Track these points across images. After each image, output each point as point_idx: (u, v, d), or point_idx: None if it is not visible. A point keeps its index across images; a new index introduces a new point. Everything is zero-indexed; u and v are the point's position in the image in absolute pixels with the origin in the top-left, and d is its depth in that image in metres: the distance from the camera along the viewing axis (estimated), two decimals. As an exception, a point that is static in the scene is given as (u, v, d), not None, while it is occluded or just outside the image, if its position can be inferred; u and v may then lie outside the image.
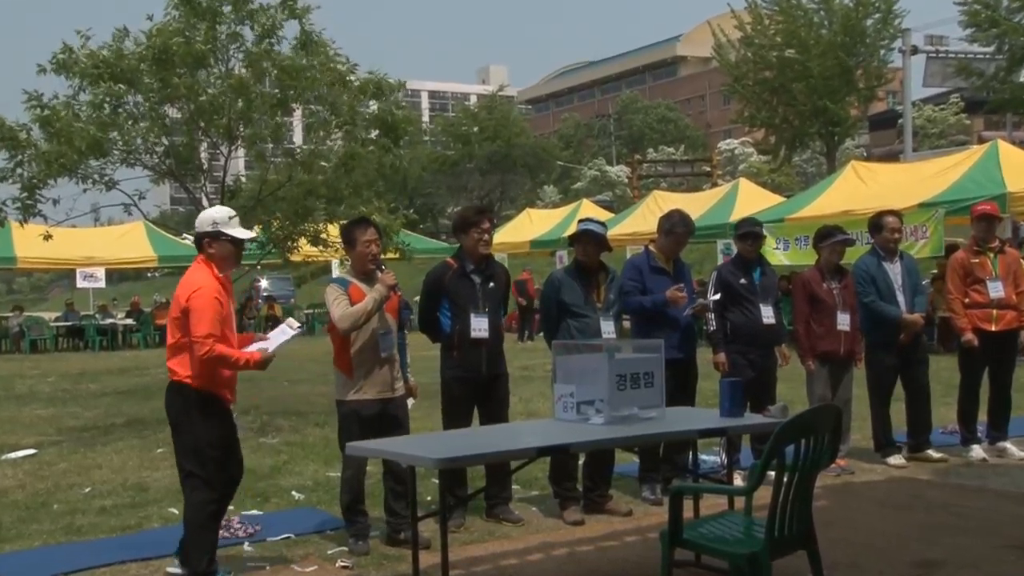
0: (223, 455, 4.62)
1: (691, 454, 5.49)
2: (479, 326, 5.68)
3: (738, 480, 5.96)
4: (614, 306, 6.07)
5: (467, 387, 5.74)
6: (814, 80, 29.33)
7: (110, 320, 25.22)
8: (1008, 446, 7.33)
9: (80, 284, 23.58)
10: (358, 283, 5.25)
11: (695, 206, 18.51)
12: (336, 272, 17.46)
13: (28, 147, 8.97)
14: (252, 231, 10.60)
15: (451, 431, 5.56)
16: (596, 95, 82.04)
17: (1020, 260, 7.57)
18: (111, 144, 9.16)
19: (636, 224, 20.84)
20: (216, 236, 4.56)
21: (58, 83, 9.32)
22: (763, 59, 31.22)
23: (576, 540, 5.43)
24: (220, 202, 9.82)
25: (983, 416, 7.46)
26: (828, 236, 7.06)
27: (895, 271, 7.16)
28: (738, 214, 16.63)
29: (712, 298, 6.60)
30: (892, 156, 29.50)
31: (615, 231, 17.70)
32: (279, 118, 10.04)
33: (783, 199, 20.77)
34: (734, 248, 7.21)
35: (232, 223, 4.60)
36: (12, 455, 8.49)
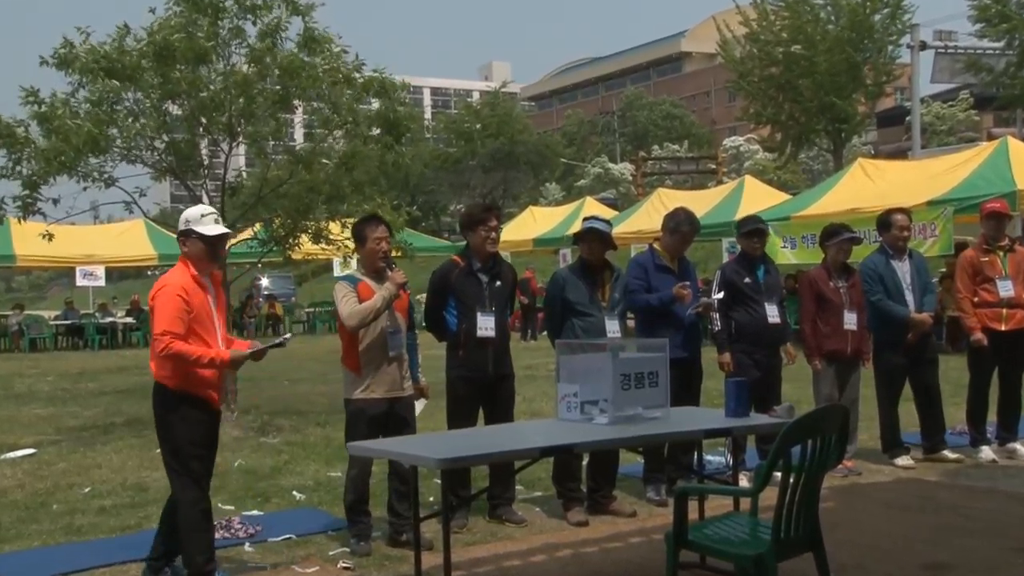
0: (207, 453, 4.61)
1: (696, 454, 5.45)
2: (486, 325, 5.64)
3: (743, 481, 5.92)
4: (619, 305, 6.02)
5: (472, 387, 5.71)
6: (821, 76, 29.07)
7: (110, 319, 25.17)
8: (1018, 447, 7.27)
9: (80, 282, 23.47)
10: (367, 281, 5.22)
11: (700, 204, 18.43)
12: (337, 270, 17.43)
13: (27, 144, 8.92)
14: (252, 228, 10.73)
15: (454, 431, 5.53)
16: (600, 92, 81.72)
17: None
18: (110, 141, 9.11)
19: (640, 222, 20.73)
20: (188, 234, 4.59)
21: (57, 80, 9.31)
22: (769, 55, 30.98)
23: (580, 541, 5.39)
24: (221, 200, 9.79)
25: (993, 417, 7.40)
26: (835, 234, 7.00)
27: (904, 270, 7.10)
28: (743, 212, 16.48)
29: (716, 297, 6.54)
30: (900, 153, 29.25)
31: (619, 229, 17.54)
32: (281, 115, 10.00)
33: (789, 197, 20.67)
34: (739, 246, 7.15)
35: (204, 221, 4.60)
36: (11, 455, 8.47)
